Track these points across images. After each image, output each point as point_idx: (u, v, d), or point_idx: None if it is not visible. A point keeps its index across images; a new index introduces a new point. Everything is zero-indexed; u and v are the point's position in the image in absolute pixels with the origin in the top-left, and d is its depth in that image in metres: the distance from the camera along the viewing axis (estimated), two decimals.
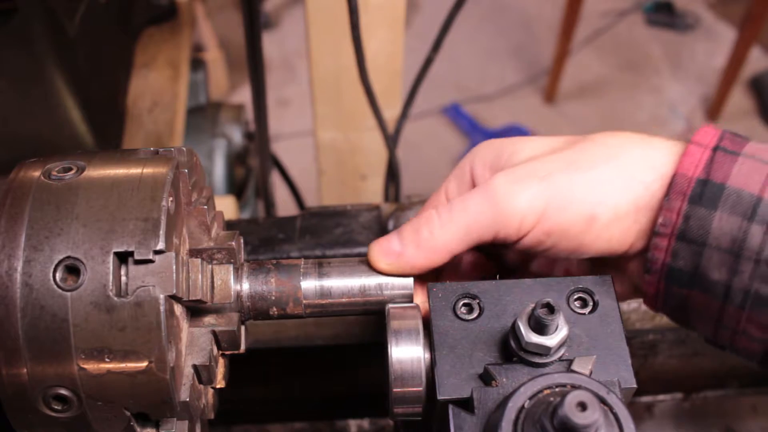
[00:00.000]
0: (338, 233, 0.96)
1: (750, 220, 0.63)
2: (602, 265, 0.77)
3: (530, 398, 0.58)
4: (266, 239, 0.97)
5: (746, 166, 0.64)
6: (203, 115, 1.85)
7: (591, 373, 0.63)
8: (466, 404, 0.64)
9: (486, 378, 0.65)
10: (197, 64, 1.89)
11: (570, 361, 0.64)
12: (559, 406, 0.53)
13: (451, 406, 0.63)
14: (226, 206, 1.58)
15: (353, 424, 1.16)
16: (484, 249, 0.80)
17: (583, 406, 0.53)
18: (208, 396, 0.73)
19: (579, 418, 0.52)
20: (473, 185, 0.75)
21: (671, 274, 0.67)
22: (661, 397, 1.21)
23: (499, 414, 0.58)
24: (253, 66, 1.34)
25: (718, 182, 0.64)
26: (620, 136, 0.71)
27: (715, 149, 0.66)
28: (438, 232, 0.70)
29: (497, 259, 0.83)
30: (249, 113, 1.71)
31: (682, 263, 0.66)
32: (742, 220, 0.63)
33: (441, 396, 0.65)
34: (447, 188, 0.78)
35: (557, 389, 0.59)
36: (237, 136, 1.87)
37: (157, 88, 1.59)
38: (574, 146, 0.71)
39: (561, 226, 0.68)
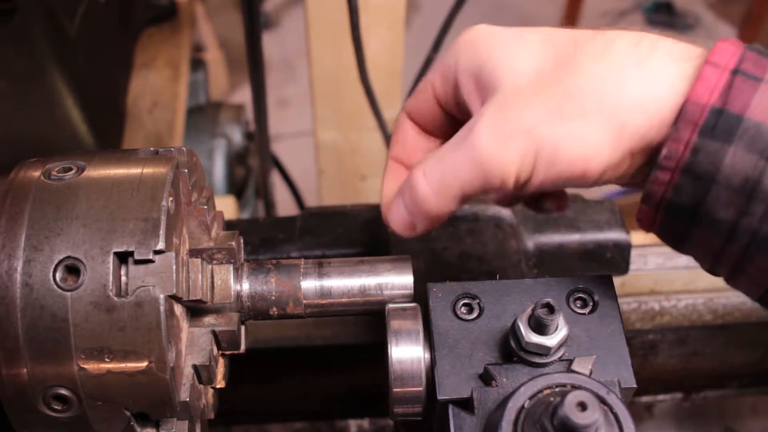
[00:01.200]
0: (338, 233, 0.96)
1: None
2: None
3: (530, 398, 0.58)
4: (266, 239, 0.97)
5: None
6: (203, 115, 1.85)
7: (591, 373, 0.63)
8: (466, 404, 0.64)
9: (486, 378, 0.65)
10: (197, 64, 1.89)
11: (570, 361, 0.64)
12: (559, 406, 0.53)
13: (451, 406, 0.63)
14: (226, 206, 1.58)
15: (353, 424, 1.16)
16: None
17: (583, 406, 0.53)
18: (208, 396, 0.73)
19: (579, 418, 0.52)
20: (457, 87, 0.72)
21: (671, 207, 0.62)
22: (661, 397, 1.21)
23: (499, 414, 0.58)
24: (253, 66, 1.34)
25: (734, 113, 0.57)
26: (615, 59, 0.62)
27: (735, 72, 0.58)
28: (435, 202, 0.68)
29: None
30: (249, 113, 1.71)
31: (684, 199, 0.60)
32: (758, 158, 0.56)
33: (441, 396, 0.65)
34: (433, 84, 0.75)
35: (557, 389, 0.59)
36: (237, 136, 1.87)
37: (157, 88, 1.59)
38: (562, 79, 0.63)
39: (553, 178, 0.64)
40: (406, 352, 0.68)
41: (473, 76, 0.70)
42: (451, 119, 0.77)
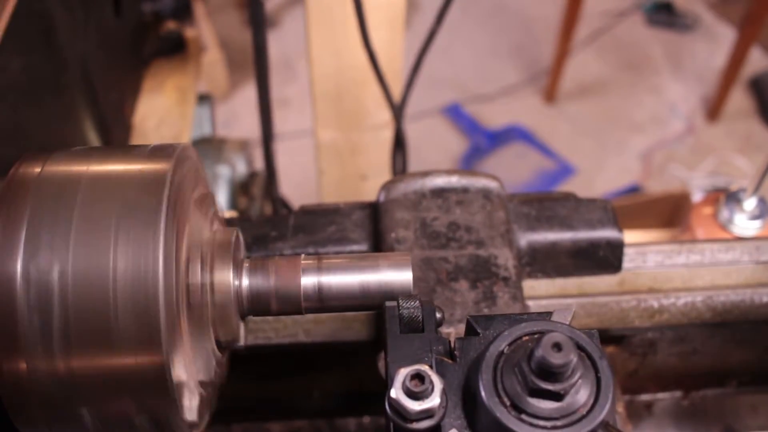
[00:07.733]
0: (331, 231, 0.96)
1: None
2: None
3: (509, 344, 0.59)
4: (259, 237, 0.97)
5: None
6: (208, 146, 1.87)
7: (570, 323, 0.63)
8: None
9: (469, 331, 0.66)
10: (203, 99, 1.92)
11: (550, 314, 0.64)
12: (536, 347, 0.54)
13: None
14: None
15: (353, 422, 1.16)
16: None
17: (558, 347, 0.53)
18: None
19: (555, 358, 0.53)
20: None
21: None
22: (660, 395, 1.21)
23: (480, 359, 0.59)
24: (258, 64, 1.34)
25: None
26: None
27: None
28: None
29: None
30: (253, 147, 1.72)
31: None
32: None
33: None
34: None
35: (536, 336, 0.59)
36: (241, 166, 1.88)
37: (164, 109, 1.61)
38: None
39: None
40: None
41: None
42: None
